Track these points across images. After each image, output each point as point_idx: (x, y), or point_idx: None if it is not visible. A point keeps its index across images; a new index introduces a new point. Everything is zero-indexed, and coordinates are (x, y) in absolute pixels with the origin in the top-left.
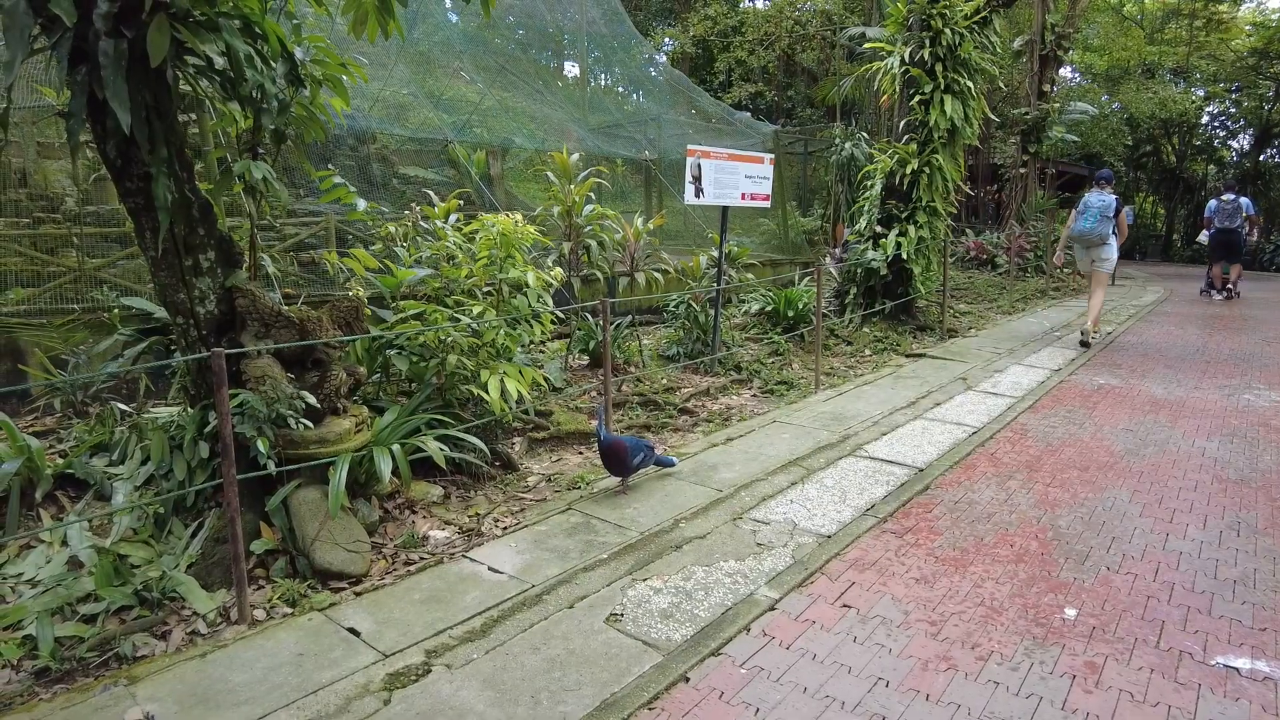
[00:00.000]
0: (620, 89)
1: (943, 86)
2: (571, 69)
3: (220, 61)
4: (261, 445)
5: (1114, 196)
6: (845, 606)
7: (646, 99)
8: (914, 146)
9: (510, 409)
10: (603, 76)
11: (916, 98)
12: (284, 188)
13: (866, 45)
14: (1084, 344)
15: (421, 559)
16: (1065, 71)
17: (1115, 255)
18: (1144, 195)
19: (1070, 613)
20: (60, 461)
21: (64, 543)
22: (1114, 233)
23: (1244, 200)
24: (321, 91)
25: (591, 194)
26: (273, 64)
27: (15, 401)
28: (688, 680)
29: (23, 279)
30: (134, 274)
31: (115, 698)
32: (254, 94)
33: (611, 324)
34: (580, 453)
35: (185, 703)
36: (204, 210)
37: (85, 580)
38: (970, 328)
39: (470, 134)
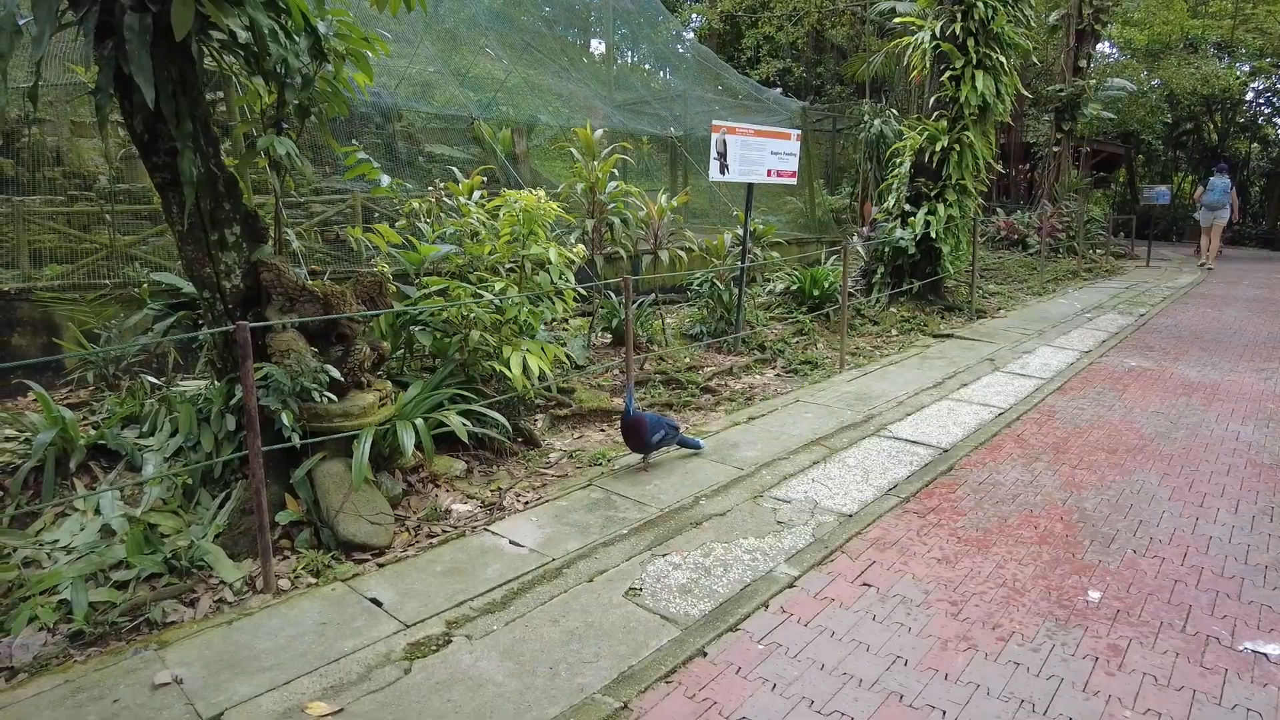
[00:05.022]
0: (646, 66)
1: (974, 62)
2: (597, 46)
3: (244, 35)
4: (286, 418)
5: (1228, 179)
6: (865, 585)
7: (673, 76)
8: (944, 123)
9: (532, 386)
10: (629, 54)
11: (947, 73)
12: (309, 163)
13: (897, 20)
14: (1207, 268)
15: (444, 532)
16: (1103, 47)
17: (1228, 215)
18: (1183, 175)
19: (1094, 595)
20: (93, 433)
21: (97, 511)
22: (1230, 202)
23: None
24: (345, 66)
25: (615, 171)
26: (296, 38)
27: (50, 374)
28: (705, 655)
29: (58, 255)
30: (164, 250)
31: (145, 661)
32: (277, 68)
33: (634, 302)
34: (602, 430)
35: (212, 667)
36: (230, 185)
37: (117, 548)
38: (999, 308)
39: (496, 111)
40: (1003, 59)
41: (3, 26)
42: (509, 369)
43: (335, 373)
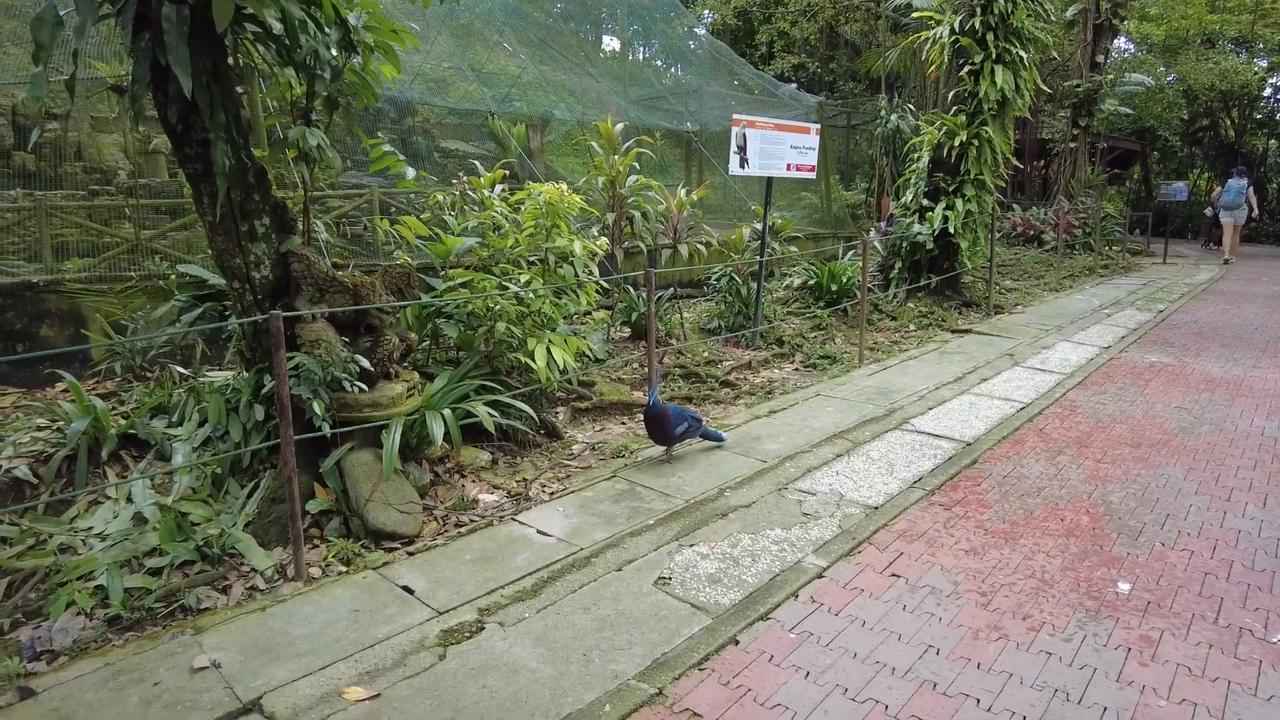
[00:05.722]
0: (658, 61)
1: (994, 56)
2: (609, 42)
3: (277, 27)
4: (317, 407)
5: (1245, 180)
6: (894, 576)
7: (686, 71)
8: (962, 118)
9: (555, 378)
10: (641, 50)
11: (966, 68)
12: (337, 155)
13: (915, 15)
14: (1226, 262)
15: (472, 521)
16: (1119, 42)
17: (1245, 215)
18: (1198, 171)
19: (1124, 587)
20: (123, 422)
21: (129, 499)
22: (1246, 202)
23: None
24: (372, 59)
25: (636, 164)
26: (326, 30)
27: (78, 365)
28: (737, 643)
29: (79, 249)
30: (184, 244)
31: (183, 645)
32: (308, 60)
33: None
34: (623, 423)
35: (249, 652)
36: (259, 176)
37: (150, 535)
38: (1017, 304)
39: (510, 107)
40: (1022, 53)
41: (44, 18)
42: (534, 360)
43: (365, 362)
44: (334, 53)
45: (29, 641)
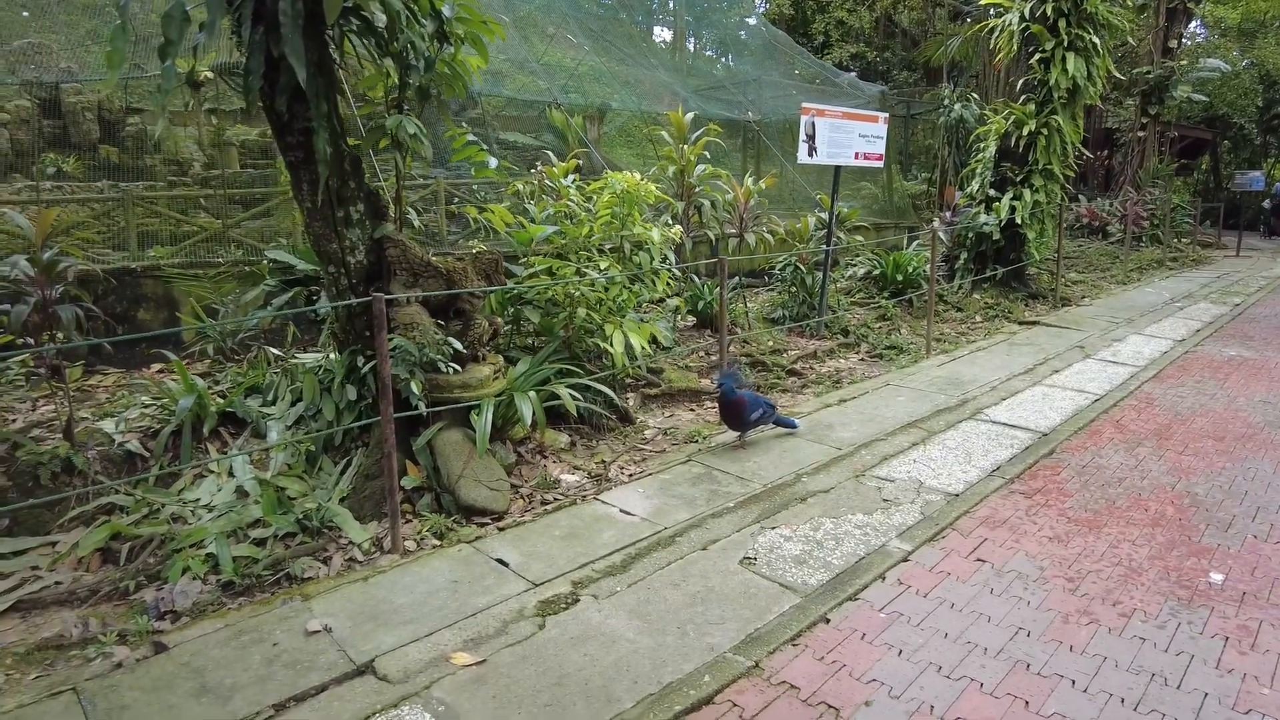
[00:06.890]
0: (709, 51)
1: (1065, 43)
2: (661, 33)
3: (379, 19)
4: (415, 387)
5: None
6: (979, 560)
7: (740, 61)
8: (1031, 107)
9: (630, 364)
10: (692, 40)
11: (1036, 56)
12: (430, 144)
13: (983, 2)
14: None
15: (556, 500)
16: (1191, 26)
17: None
18: (1273, 161)
19: (1216, 577)
20: (221, 401)
21: (230, 473)
22: None
23: None
24: (461, 49)
25: (706, 153)
26: (422, 21)
27: (171, 347)
28: (828, 621)
29: (159, 237)
30: (257, 233)
31: (294, 611)
32: (404, 51)
33: (719, 285)
34: (692, 409)
35: (356, 619)
36: (354, 164)
37: (252, 508)
38: (1084, 297)
39: (565, 99)
40: (1095, 40)
41: (173, 15)
42: (611, 345)
43: (458, 345)
44: (428, 44)
45: (153, 602)
